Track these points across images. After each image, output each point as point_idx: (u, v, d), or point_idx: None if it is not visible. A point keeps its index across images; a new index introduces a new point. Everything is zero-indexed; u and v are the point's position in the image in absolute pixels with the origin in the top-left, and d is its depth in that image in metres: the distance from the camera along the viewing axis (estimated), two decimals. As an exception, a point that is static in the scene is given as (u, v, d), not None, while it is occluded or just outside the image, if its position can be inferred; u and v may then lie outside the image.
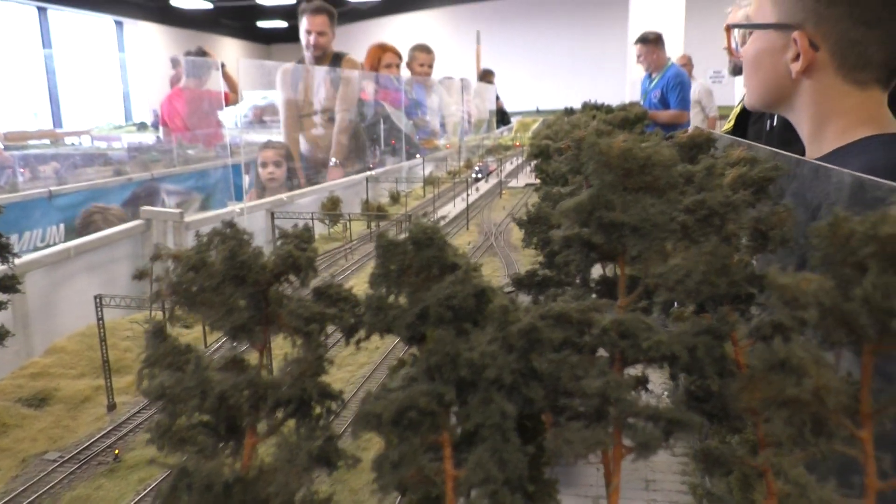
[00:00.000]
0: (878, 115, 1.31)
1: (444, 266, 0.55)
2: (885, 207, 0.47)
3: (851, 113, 1.31)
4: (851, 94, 1.32)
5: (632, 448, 0.58)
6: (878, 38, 1.27)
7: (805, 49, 1.31)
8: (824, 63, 1.31)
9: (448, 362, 0.51)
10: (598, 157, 0.52)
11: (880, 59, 1.28)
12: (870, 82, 1.31)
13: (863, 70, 1.29)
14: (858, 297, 0.45)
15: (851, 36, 1.28)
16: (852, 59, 1.29)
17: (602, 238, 0.54)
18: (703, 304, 0.80)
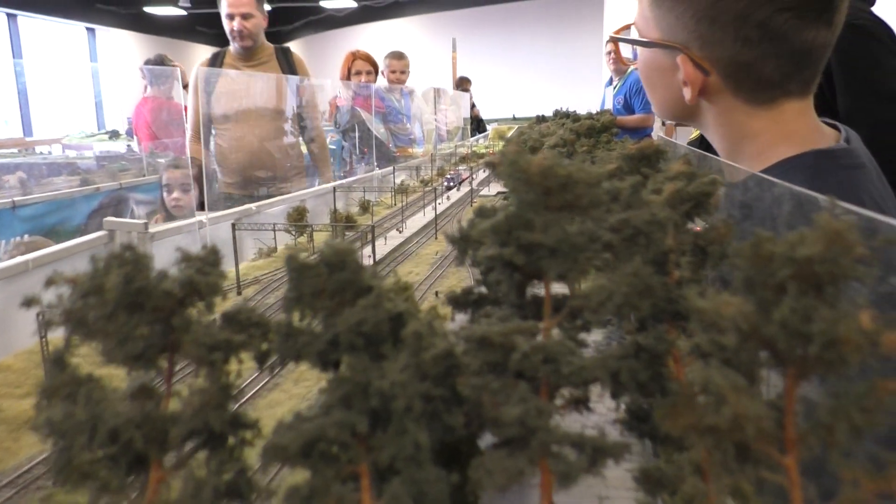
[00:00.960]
0: (796, 131, 1.21)
1: (359, 289, 0.52)
2: (803, 228, 0.45)
3: (765, 133, 1.22)
4: (759, 115, 1.22)
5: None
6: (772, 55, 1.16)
7: (691, 76, 1.21)
8: (719, 87, 1.21)
9: (359, 391, 0.49)
10: (518, 174, 0.50)
11: (781, 77, 1.18)
12: (777, 98, 1.21)
13: (764, 90, 1.20)
14: (777, 321, 0.44)
15: (742, 58, 1.17)
16: (749, 82, 1.19)
17: (523, 259, 0.51)
18: (643, 321, 0.78)
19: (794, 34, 1.14)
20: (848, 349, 0.42)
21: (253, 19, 4.49)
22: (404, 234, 3.14)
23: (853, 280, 0.44)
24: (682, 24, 1.22)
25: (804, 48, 1.15)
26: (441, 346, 0.50)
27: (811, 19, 1.14)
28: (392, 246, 2.86)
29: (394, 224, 3.38)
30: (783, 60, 1.16)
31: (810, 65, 1.18)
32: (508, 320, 0.60)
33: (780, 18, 1.13)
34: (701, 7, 1.19)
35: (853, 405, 0.42)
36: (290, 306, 0.53)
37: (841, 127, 1.30)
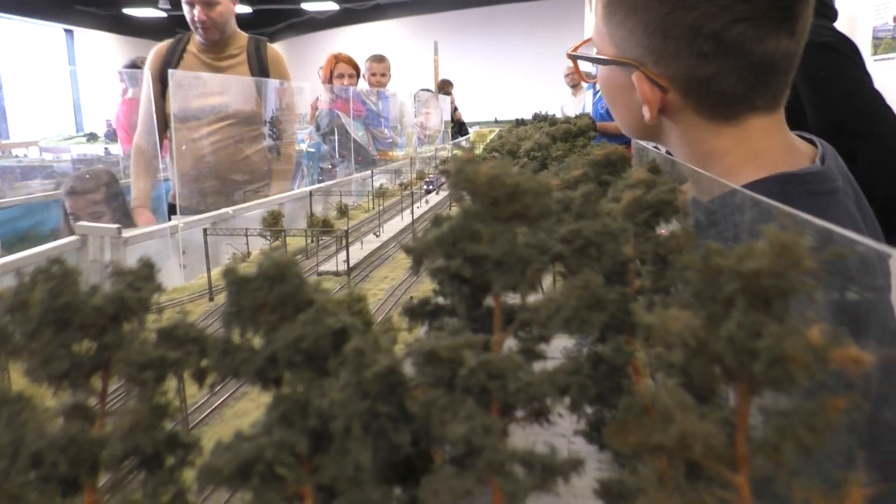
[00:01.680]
0: (764, 150, 1.15)
1: (301, 303, 0.50)
2: (752, 241, 0.44)
3: (731, 153, 1.15)
4: (724, 133, 1.15)
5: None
6: (731, 69, 1.10)
7: (648, 94, 1.14)
8: (679, 104, 1.15)
9: (298, 411, 0.47)
10: (464, 184, 0.49)
11: (743, 92, 1.11)
12: (742, 114, 1.14)
13: (727, 106, 1.13)
14: (723, 337, 0.42)
15: (699, 73, 1.10)
16: (710, 98, 1.12)
17: (470, 271, 0.50)
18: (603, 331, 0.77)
19: (753, 46, 1.08)
20: (795, 366, 0.40)
21: (219, 7, 3.65)
22: (381, 238, 3.12)
23: (802, 294, 0.43)
24: (636, 40, 1.16)
25: (766, 60, 1.09)
26: (384, 363, 0.48)
27: (770, 29, 1.08)
28: (368, 250, 2.83)
29: (371, 228, 3.36)
30: (744, 74, 1.10)
31: (775, 77, 1.12)
32: (460, 334, 0.59)
33: (736, 30, 1.08)
34: (652, 21, 1.13)
35: (801, 424, 0.41)
36: (229, 321, 0.51)
37: (818, 142, 1.26)
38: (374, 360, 0.49)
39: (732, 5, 1.08)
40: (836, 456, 0.48)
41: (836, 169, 1.16)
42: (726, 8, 1.08)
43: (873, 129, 2.18)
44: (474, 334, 0.57)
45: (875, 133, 2.17)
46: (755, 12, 1.07)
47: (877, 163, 2.14)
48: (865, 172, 2.20)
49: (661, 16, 1.12)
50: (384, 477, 0.60)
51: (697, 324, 0.44)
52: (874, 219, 1.31)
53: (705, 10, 1.09)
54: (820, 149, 1.21)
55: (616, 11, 1.21)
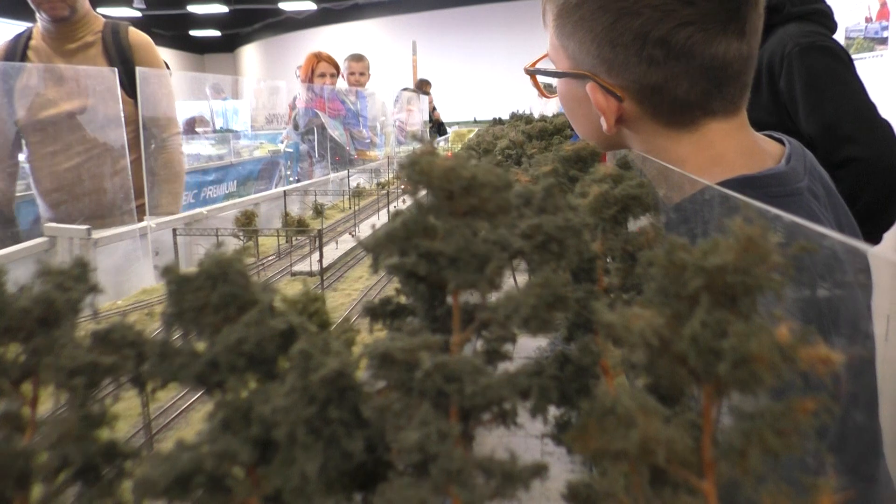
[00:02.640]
0: (723, 154, 1.13)
1: (246, 304, 0.48)
2: (717, 236, 0.42)
3: (692, 159, 1.13)
4: (683, 139, 1.13)
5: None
6: (682, 77, 1.08)
7: (603, 104, 1.14)
8: (636, 113, 1.13)
9: (239, 418, 0.44)
10: (418, 176, 0.46)
11: (697, 97, 1.09)
12: (699, 119, 1.12)
13: (681, 112, 1.11)
14: (687, 336, 0.40)
15: (649, 81, 1.09)
16: (665, 105, 1.10)
17: (425, 268, 0.47)
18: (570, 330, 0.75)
19: (702, 49, 1.06)
20: (761, 367, 0.38)
21: None
22: (357, 237, 3.09)
23: (770, 291, 0.41)
24: (586, 50, 1.15)
25: (717, 63, 1.07)
26: (332, 366, 0.45)
27: (717, 31, 1.06)
28: (343, 250, 2.80)
29: (347, 228, 3.33)
30: (696, 78, 1.08)
31: (730, 80, 1.10)
32: (418, 334, 0.56)
33: (683, 34, 1.06)
34: (599, 30, 1.11)
35: (768, 427, 0.39)
36: (169, 323, 0.48)
37: (786, 141, 1.25)
38: (322, 363, 0.46)
39: (677, 9, 1.06)
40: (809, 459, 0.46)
41: (801, 169, 1.15)
42: (671, 12, 1.06)
43: (868, 135, 2.19)
44: (433, 335, 0.54)
45: (869, 139, 2.18)
46: (701, 15, 1.06)
47: (867, 168, 2.16)
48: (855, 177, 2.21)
49: (607, 25, 1.10)
50: (336, 486, 0.57)
51: (660, 322, 0.42)
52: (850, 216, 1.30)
53: (650, 15, 1.07)
54: (787, 147, 1.20)
55: (565, 24, 1.19)
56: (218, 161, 6.89)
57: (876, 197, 2.19)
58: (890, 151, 2.19)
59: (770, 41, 2.40)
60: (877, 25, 3.64)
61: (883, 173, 2.17)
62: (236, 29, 20.51)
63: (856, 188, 2.16)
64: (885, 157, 2.18)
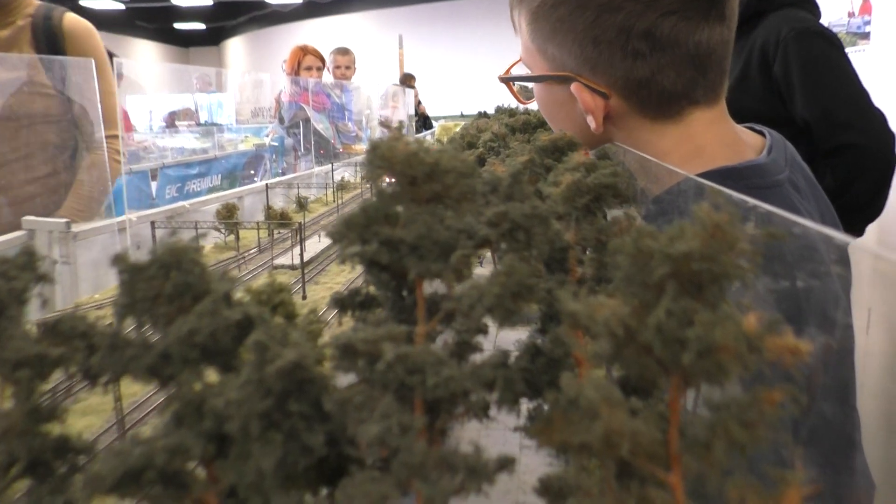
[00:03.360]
0: (704, 146, 1.13)
1: (200, 294, 0.46)
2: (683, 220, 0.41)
3: (675, 152, 1.13)
4: (668, 132, 1.14)
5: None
6: (669, 65, 1.08)
7: (590, 104, 1.13)
8: (622, 109, 1.13)
9: (192, 411, 0.43)
10: (379, 162, 0.45)
11: (684, 86, 1.10)
12: (684, 109, 1.13)
13: (668, 104, 1.11)
14: (652, 326, 0.39)
15: (638, 74, 1.08)
16: (652, 98, 1.11)
17: (387, 257, 0.46)
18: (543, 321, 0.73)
19: (686, 37, 1.06)
20: (726, 357, 0.37)
21: None
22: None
23: (739, 280, 0.39)
24: (567, 51, 1.14)
25: (702, 51, 1.07)
26: (289, 358, 0.44)
27: (700, 18, 1.06)
28: (326, 244, 2.78)
29: (330, 221, 3.31)
30: (682, 67, 1.08)
31: (713, 66, 1.10)
32: (384, 325, 0.55)
33: (667, 24, 1.05)
34: (580, 29, 1.11)
35: (733, 419, 0.38)
36: (121, 314, 0.46)
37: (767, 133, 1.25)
38: (279, 354, 0.44)
39: (658, 0, 1.06)
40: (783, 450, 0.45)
41: (782, 160, 1.15)
42: (652, 3, 1.06)
43: (864, 122, 2.20)
44: (399, 326, 0.53)
45: (864, 126, 2.19)
46: (682, 3, 1.05)
47: (862, 155, 2.17)
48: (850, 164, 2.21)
49: (587, 23, 1.09)
50: (299, 481, 0.56)
51: (625, 312, 0.41)
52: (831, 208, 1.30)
53: (631, 9, 1.06)
54: (768, 139, 1.20)
55: (542, 26, 1.18)
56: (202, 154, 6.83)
57: (868, 185, 2.20)
58: (884, 139, 2.20)
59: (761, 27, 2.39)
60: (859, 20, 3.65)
61: (876, 161, 2.18)
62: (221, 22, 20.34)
63: (849, 175, 2.17)
64: (880, 144, 2.19)
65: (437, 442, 0.61)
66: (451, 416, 0.64)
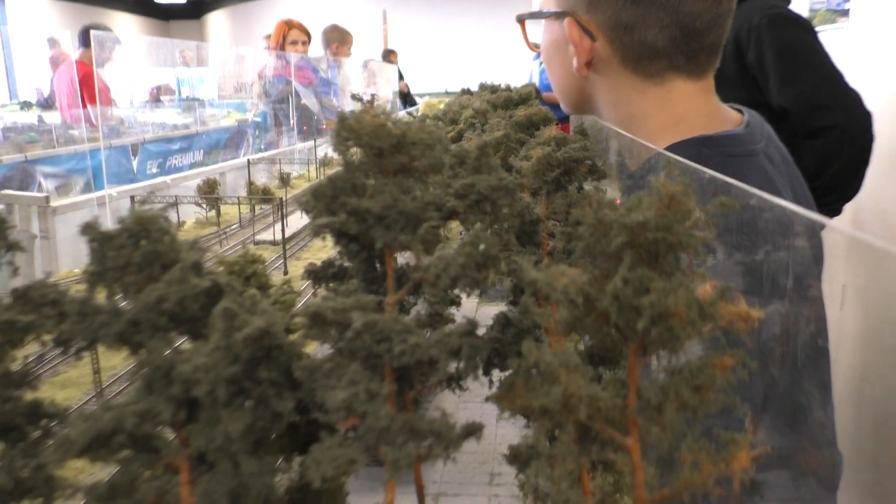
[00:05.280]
0: (684, 115, 1.16)
1: (170, 263, 0.46)
2: (641, 192, 0.42)
3: (654, 116, 1.16)
4: (649, 92, 1.16)
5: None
6: (653, 20, 1.11)
7: (576, 38, 1.17)
8: (607, 55, 1.17)
9: (161, 377, 0.43)
10: (347, 133, 0.45)
11: (665, 46, 1.13)
12: (665, 73, 1.15)
13: (650, 60, 1.14)
14: (609, 293, 0.40)
15: (623, 18, 1.12)
16: (634, 47, 1.14)
17: (356, 227, 0.47)
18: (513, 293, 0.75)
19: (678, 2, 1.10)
20: (679, 323, 0.38)
21: None
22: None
23: (689, 248, 0.41)
24: None
25: (686, 15, 1.11)
26: (257, 325, 0.44)
27: None
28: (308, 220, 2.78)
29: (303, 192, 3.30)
30: (667, 25, 1.11)
31: (697, 35, 1.13)
32: (353, 295, 0.55)
33: None
34: None
35: (684, 383, 0.39)
36: (92, 282, 0.47)
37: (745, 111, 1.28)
38: (247, 321, 0.45)
39: None
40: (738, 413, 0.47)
41: (758, 134, 1.17)
42: None
43: (841, 102, 2.21)
44: (369, 296, 0.54)
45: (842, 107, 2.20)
46: None
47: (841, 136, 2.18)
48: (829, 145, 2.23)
49: None
50: (271, 447, 0.57)
51: (584, 280, 0.42)
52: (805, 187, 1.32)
53: None
54: (746, 116, 1.22)
55: None
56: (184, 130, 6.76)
57: (846, 164, 2.22)
58: (861, 118, 2.22)
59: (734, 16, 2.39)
60: (840, -2, 3.66)
61: (855, 140, 2.20)
62: (203, -5, 20.04)
63: (828, 156, 2.19)
64: (858, 124, 2.21)
65: (410, 411, 0.62)
66: (424, 386, 0.66)
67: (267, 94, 6.26)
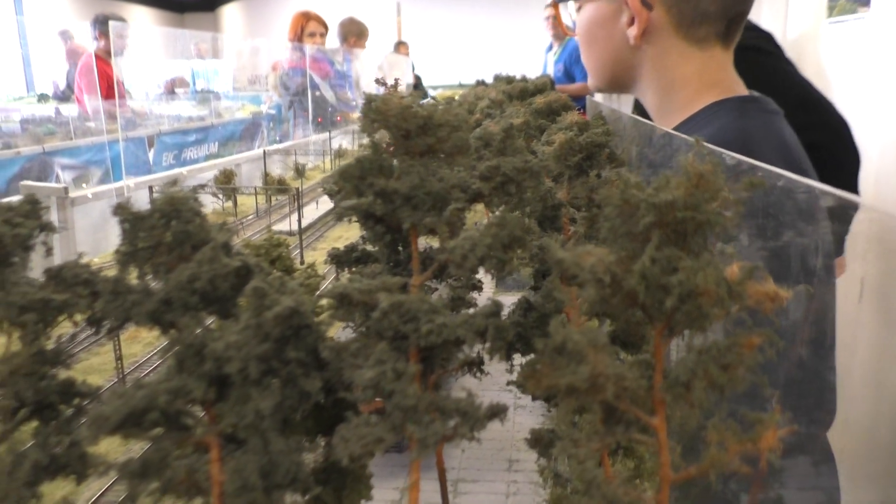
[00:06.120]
0: (722, 79, 1.27)
1: (200, 243, 0.47)
2: (668, 172, 0.42)
3: (695, 79, 1.26)
4: (693, 57, 1.26)
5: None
6: None
7: (638, 9, 1.25)
8: (661, 23, 1.25)
9: (192, 355, 0.44)
10: (374, 115, 0.46)
11: (716, 11, 1.22)
12: (709, 39, 1.25)
13: (700, 25, 1.24)
14: (637, 273, 0.40)
15: None
16: (689, 13, 1.23)
17: (382, 208, 0.47)
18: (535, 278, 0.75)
19: None
20: (708, 301, 0.39)
21: None
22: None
23: (718, 228, 0.41)
24: None
25: None
26: (287, 304, 0.45)
27: None
28: (324, 210, 2.78)
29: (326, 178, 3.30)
30: None
31: (739, 3, 1.24)
32: (378, 277, 0.56)
33: None
34: None
35: (713, 362, 0.39)
36: (124, 262, 0.48)
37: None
38: (277, 300, 0.46)
39: None
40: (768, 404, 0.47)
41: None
42: None
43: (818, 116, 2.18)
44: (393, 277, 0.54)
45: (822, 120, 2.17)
46: None
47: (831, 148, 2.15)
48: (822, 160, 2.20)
49: None
50: (297, 428, 0.58)
51: (611, 259, 0.42)
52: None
53: None
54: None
55: None
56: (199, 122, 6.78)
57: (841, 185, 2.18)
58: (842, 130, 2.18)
59: None
60: (861, -12, 3.60)
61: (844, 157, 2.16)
62: (218, -13, 20.08)
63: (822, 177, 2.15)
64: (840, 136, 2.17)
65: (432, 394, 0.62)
66: (445, 370, 0.66)
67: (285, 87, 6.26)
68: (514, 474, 1.07)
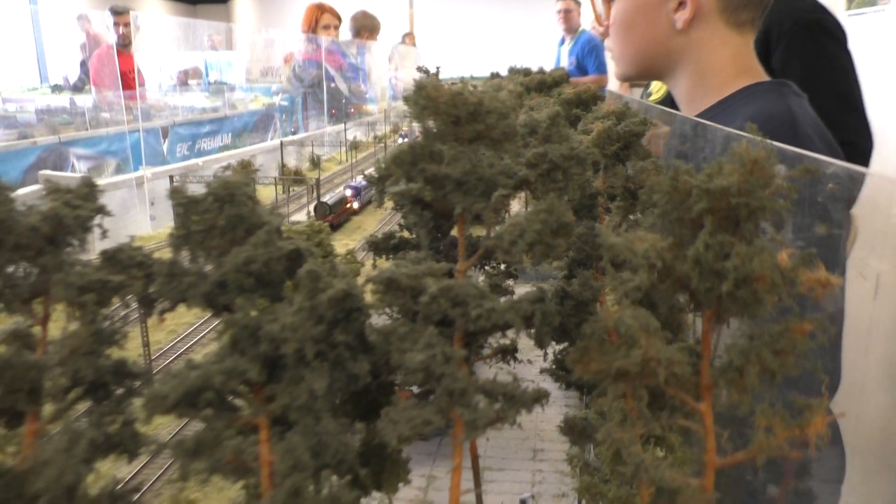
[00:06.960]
0: (752, 66, 1.31)
1: (252, 226, 0.48)
2: (721, 158, 0.42)
3: (730, 64, 1.30)
4: (731, 42, 1.30)
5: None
6: None
7: None
8: (709, 7, 1.29)
9: (248, 336, 0.45)
10: (425, 101, 0.46)
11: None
12: (747, 24, 1.30)
13: (744, 9, 1.29)
14: (690, 258, 0.41)
15: None
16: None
17: (431, 193, 0.48)
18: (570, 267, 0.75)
19: None
20: (763, 287, 0.39)
21: None
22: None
23: (772, 215, 0.41)
24: None
25: None
26: (340, 287, 0.46)
27: None
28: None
29: (344, 180, 3.31)
30: None
31: None
32: (423, 263, 0.57)
33: None
34: None
35: (765, 347, 0.40)
36: (177, 245, 0.48)
37: None
38: (330, 283, 0.47)
39: None
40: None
41: None
42: None
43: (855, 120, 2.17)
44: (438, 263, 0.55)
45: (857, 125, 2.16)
46: None
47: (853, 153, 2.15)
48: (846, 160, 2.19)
49: None
50: (342, 409, 0.59)
51: (664, 245, 0.42)
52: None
53: None
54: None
55: None
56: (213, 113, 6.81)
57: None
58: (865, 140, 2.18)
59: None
60: (881, -19, 3.56)
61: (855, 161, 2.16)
62: (230, -21, 20.08)
63: None
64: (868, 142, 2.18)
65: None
66: (477, 357, 0.67)
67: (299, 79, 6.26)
68: (539, 463, 1.08)
